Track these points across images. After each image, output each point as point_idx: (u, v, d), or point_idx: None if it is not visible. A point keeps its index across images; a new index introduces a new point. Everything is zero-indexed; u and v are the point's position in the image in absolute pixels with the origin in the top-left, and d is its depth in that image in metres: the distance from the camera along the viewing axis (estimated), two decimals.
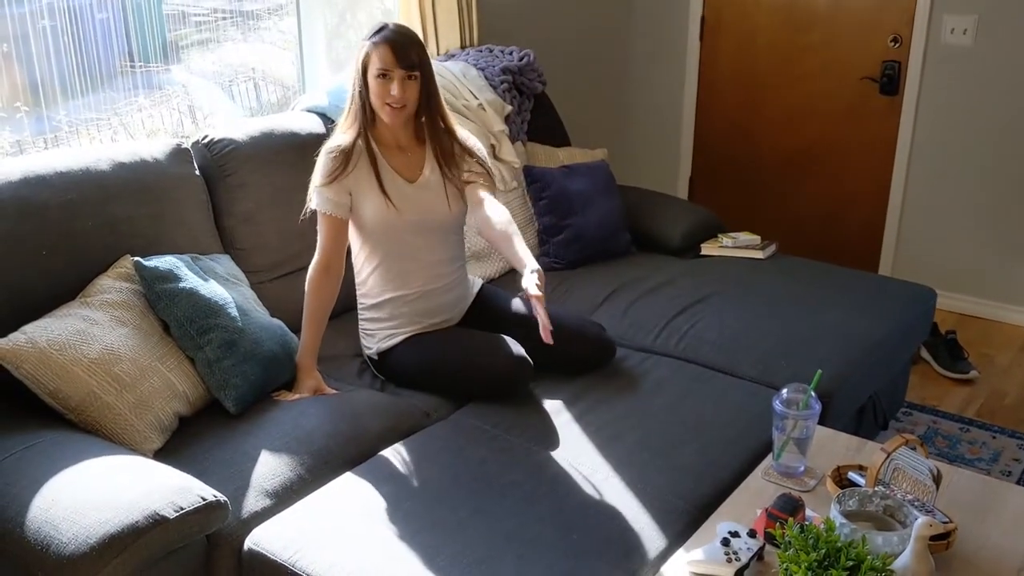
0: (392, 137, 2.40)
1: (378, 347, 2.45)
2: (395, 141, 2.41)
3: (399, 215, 2.35)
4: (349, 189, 2.34)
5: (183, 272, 2.21)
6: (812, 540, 1.53)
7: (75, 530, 1.63)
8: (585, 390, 2.38)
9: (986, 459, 3.04)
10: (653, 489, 1.97)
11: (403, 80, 2.29)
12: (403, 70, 2.28)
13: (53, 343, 1.98)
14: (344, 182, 2.33)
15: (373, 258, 2.42)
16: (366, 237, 2.40)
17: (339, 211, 2.34)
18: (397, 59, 2.27)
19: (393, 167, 2.39)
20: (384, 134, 2.39)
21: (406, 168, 2.40)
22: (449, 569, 1.72)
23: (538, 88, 3.47)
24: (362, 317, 2.51)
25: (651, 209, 3.43)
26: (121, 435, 1.99)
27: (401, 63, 2.28)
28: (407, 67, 2.29)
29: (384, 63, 2.28)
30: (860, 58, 4.07)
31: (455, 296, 2.51)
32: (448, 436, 2.18)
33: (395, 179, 2.38)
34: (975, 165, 3.93)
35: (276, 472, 1.98)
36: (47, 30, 2.54)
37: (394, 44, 2.28)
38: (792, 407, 1.92)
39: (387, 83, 2.29)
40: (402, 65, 2.28)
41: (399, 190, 2.37)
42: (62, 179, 2.23)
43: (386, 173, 2.37)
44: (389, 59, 2.27)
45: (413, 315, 2.44)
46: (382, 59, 2.28)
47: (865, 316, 2.76)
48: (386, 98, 2.30)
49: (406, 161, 2.41)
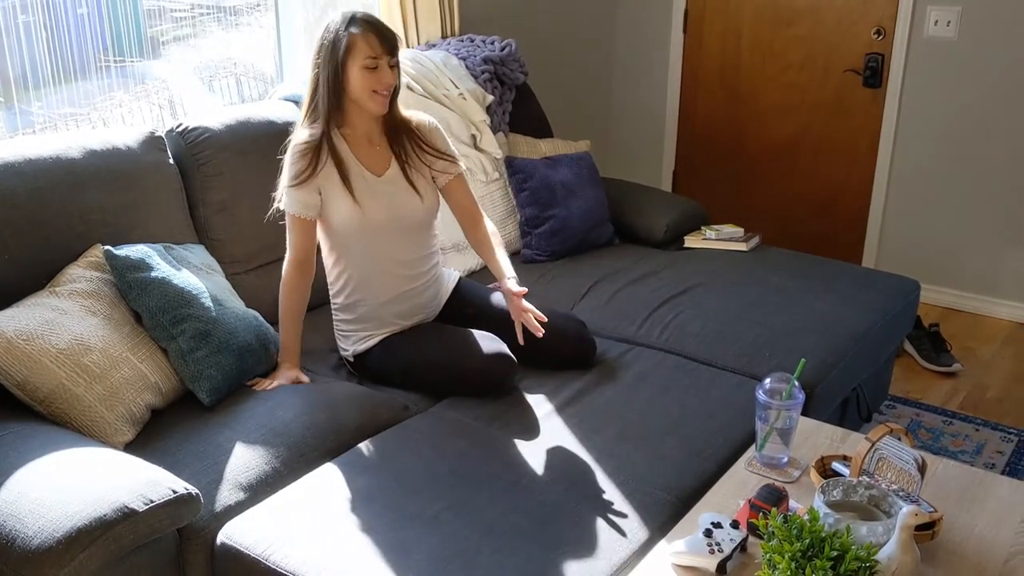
0: (364, 130, 2.33)
1: (354, 349, 2.40)
2: (366, 135, 2.33)
3: (369, 213, 2.28)
4: (319, 188, 2.27)
5: (155, 261, 2.17)
6: (796, 530, 1.50)
7: (41, 523, 1.59)
8: (567, 382, 2.35)
9: (969, 452, 3.03)
10: (635, 480, 1.95)
11: (391, 67, 2.25)
12: (390, 56, 2.24)
13: (21, 333, 1.93)
14: (313, 182, 2.25)
15: (344, 260, 2.35)
16: (336, 238, 2.33)
17: (309, 212, 2.28)
18: (385, 47, 2.23)
19: (362, 162, 2.31)
20: (356, 128, 2.32)
21: (374, 162, 2.33)
22: (427, 563, 1.68)
23: (520, 79, 3.44)
24: (336, 318, 2.45)
25: (634, 201, 3.41)
26: (91, 427, 1.95)
27: (388, 49, 2.23)
28: (393, 53, 2.25)
29: (373, 52, 2.21)
30: (844, 50, 4.06)
31: (430, 295, 2.46)
32: (427, 429, 2.15)
33: (363, 174, 2.31)
34: (958, 158, 3.92)
35: (250, 465, 1.94)
36: (22, 25, 2.49)
37: (380, 32, 2.23)
38: (775, 397, 1.90)
39: (376, 72, 2.22)
40: (389, 51, 2.24)
41: (368, 186, 2.30)
42: (31, 166, 2.18)
43: (354, 169, 2.29)
44: (378, 47, 2.22)
45: (388, 317, 2.39)
46: (371, 48, 2.21)
47: (849, 308, 2.75)
48: (377, 87, 2.23)
49: (374, 155, 2.34)
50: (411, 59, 3.20)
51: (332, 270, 2.39)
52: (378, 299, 2.36)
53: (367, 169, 2.31)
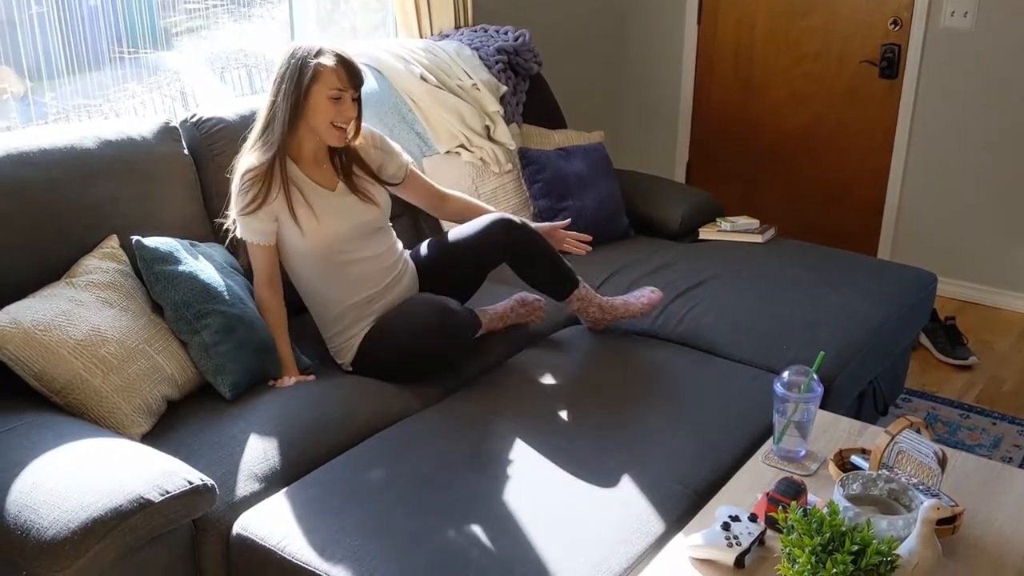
0: (311, 152, 2.32)
1: (349, 357, 2.37)
2: (314, 156, 2.32)
3: (331, 226, 2.29)
4: (275, 215, 2.25)
5: (182, 255, 2.17)
6: (816, 524, 1.49)
7: (56, 514, 1.59)
8: (582, 374, 2.35)
9: (986, 445, 3.01)
10: (651, 473, 1.93)
11: (354, 101, 2.26)
12: (354, 90, 2.25)
13: (38, 324, 1.93)
14: (266, 208, 2.23)
15: (322, 275, 2.33)
16: (307, 257, 2.31)
17: (266, 239, 2.27)
18: (352, 80, 2.23)
19: (313, 180, 2.31)
20: (304, 150, 2.30)
21: (325, 179, 2.33)
22: (440, 554, 1.68)
23: (534, 69, 3.42)
24: (327, 335, 2.40)
25: (648, 193, 3.39)
26: (107, 418, 1.95)
27: (354, 83, 2.24)
28: (357, 87, 2.26)
29: (340, 84, 2.21)
30: (859, 41, 4.03)
31: (409, 278, 2.48)
32: (440, 420, 2.14)
33: (319, 191, 2.30)
34: (974, 149, 3.89)
35: (265, 456, 1.94)
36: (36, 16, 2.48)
37: (348, 65, 2.23)
38: (793, 390, 1.88)
39: (339, 104, 2.22)
40: (354, 85, 2.25)
41: (326, 202, 2.30)
42: (46, 157, 2.18)
43: (309, 188, 2.29)
44: (344, 80, 2.21)
45: (376, 311, 2.37)
46: (338, 79, 2.21)
47: (866, 300, 2.73)
48: (337, 119, 2.23)
49: (322, 172, 2.33)
50: (424, 49, 3.18)
51: (311, 290, 2.36)
52: (368, 297, 2.35)
53: (320, 186, 2.31)
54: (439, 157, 3.04)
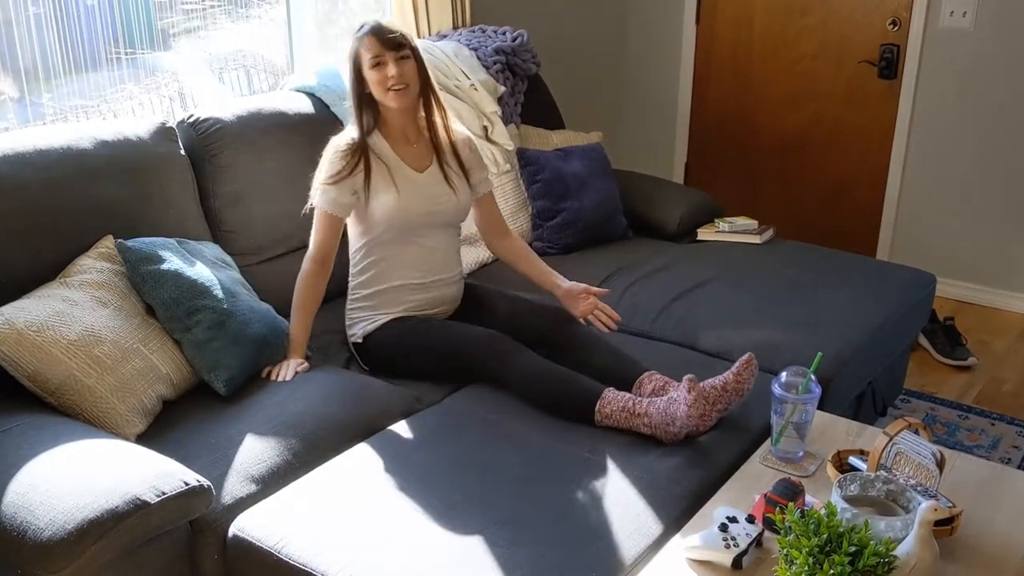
0: (400, 129, 2.39)
1: (364, 330, 2.40)
2: (403, 134, 2.40)
3: (411, 206, 2.35)
4: (355, 188, 2.32)
5: (168, 253, 2.16)
6: (813, 525, 1.49)
7: (52, 515, 1.58)
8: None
9: (985, 446, 3.00)
10: (649, 474, 1.93)
11: (397, 61, 2.30)
12: (393, 52, 2.30)
13: (31, 324, 1.92)
14: (350, 182, 2.31)
15: (381, 248, 2.40)
16: (374, 230, 2.37)
17: (341, 211, 2.34)
18: (383, 43, 2.30)
19: (403, 159, 2.39)
20: (393, 128, 2.39)
21: (415, 160, 2.41)
22: (440, 555, 1.67)
23: (532, 69, 3.42)
24: (355, 304, 2.45)
25: (647, 193, 3.39)
26: (102, 419, 1.94)
27: (388, 45, 2.30)
28: (395, 48, 2.30)
29: (373, 51, 2.29)
30: (858, 41, 4.02)
31: (456, 290, 2.51)
32: (440, 421, 2.14)
33: (405, 170, 2.38)
34: (974, 150, 3.89)
35: (262, 457, 1.94)
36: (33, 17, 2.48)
37: (377, 31, 2.31)
38: (791, 391, 1.88)
39: (383, 69, 2.30)
40: (390, 47, 2.30)
41: (410, 182, 2.37)
42: (43, 157, 2.17)
43: (396, 165, 2.37)
44: (376, 46, 2.29)
45: (414, 301, 2.42)
46: (371, 48, 2.30)
47: (864, 301, 2.72)
48: (386, 82, 2.30)
49: (414, 153, 2.41)
50: (422, 49, 3.17)
51: (365, 259, 2.42)
52: (403, 284, 2.40)
53: (408, 165, 2.38)
54: None
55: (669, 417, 2.01)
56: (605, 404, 2.08)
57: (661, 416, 2.02)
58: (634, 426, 2.05)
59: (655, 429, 2.03)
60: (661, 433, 2.02)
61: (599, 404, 2.08)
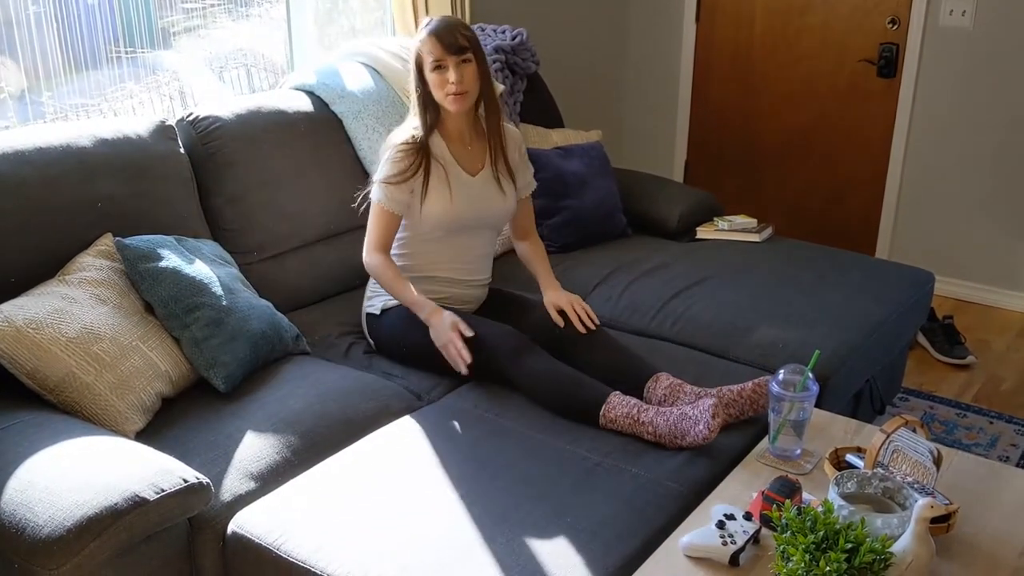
0: (458, 131, 2.40)
1: (384, 303, 2.41)
2: (460, 135, 2.41)
3: (462, 211, 2.37)
4: (413, 188, 2.33)
5: (166, 251, 2.17)
6: (810, 522, 1.49)
7: (51, 512, 1.59)
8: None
9: (983, 444, 3.01)
10: (647, 471, 1.93)
11: (458, 66, 2.28)
12: (455, 56, 2.27)
13: (30, 322, 1.93)
14: (410, 181, 2.32)
15: (423, 244, 2.41)
16: (420, 227, 2.39)
17: (398, 208, 2.34)
18: (445, 47, 2.27)
19: (458, 161, 2.39)
20: (451, 129, 2.39)
21: (469, 162, 2.41)
22: (439, 552, 1.68)
23: (531, 68, 3.42)
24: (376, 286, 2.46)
25: (647, 191, 3.39)
26: (102, 416, 1.94)
27: (450, 50, 2.27)
28: (457, 52, 2.28)
29: (435, 54, 2.27)
30: (858, 40, 4.02)
31: (481, 292, 2.53)
32: (439, 418, 2.14)
33: (460, 174, 2.38)
34: (973, 149, 3.89)
35: (261, 454, 1.94)
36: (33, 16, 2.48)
37: (439, 33, 2.28)
38: (789, 388, 1.88)
39: (444, 72, 2.28)
40: (452, 51, 2.27)
41: (464, 185, 2.38)
42: (42, 155, 2.17)
43: (452, 169, 2.37)
44: (438, 49, 2.27)
45: (442, 294, 2.43)
46: (432, 51, 2.28)
47: (863, 299, 2.73)
48: (446, 87, 2.29)
49: (469, 155, 2.42)
50: None
51: (400, 241, 2.43)
52: (435, 277, 2.42)
53: (463, 169, 2.39)
54: None
55: (680, 432, 1.99)
56: (610, 409, 2.08)
57: (670, 429, 2.00)
58: (638, 433, 2.04)
59: (660, 439, 2.01)
60: (667, 442, 2.01)
61: (604, 408, 2.08)
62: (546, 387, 2.17)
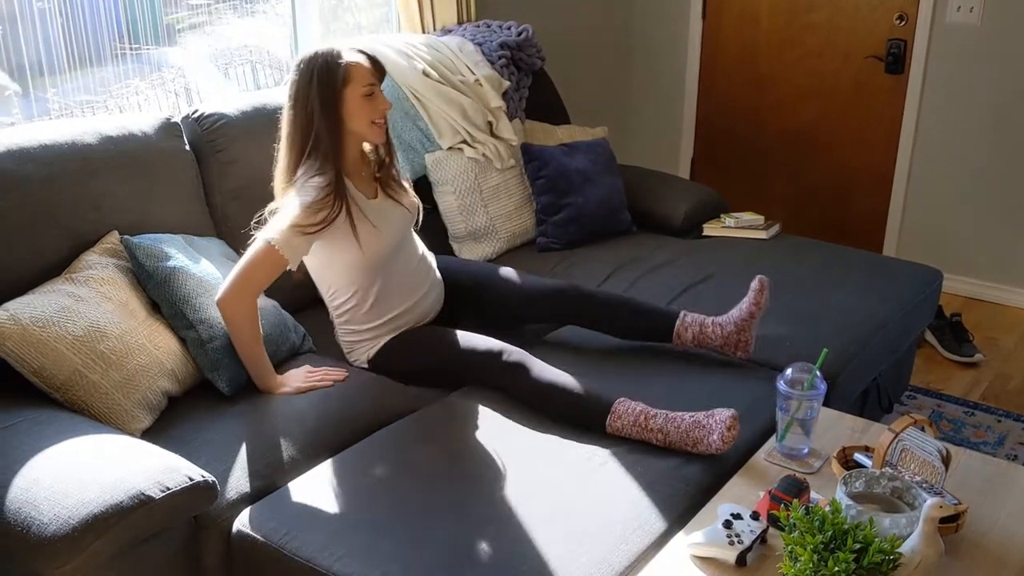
0: (355, 162, 2.25)
1: (367, 355, 2.34)
2: (356, 166, 2.25)
3: (389, 235, 2.25)
4: (322, 236, 2.14)
5: (173, 250, 2.16)
6: (818, 522, 1.48)
7: (56, 510, 1.59)
8: (582, 370, 2.33)
9: (991, 443, 2.99)
10: (652, 471, 1.92)
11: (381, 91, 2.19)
12: (380, 82, 2.18)
13: (36, 320, 1.92)
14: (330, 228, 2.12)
15: (370, 287, 2.27)
16: (359, 271, 2.24)
17: (295, 260, 2.13)
18: (377, 70, 2.16)
19: (361, 191, 2.24)
20: (350, 161, 2.22)
21: (367, 188, 2.27)
22: (441, 551, 1.67)
23: (537, 64, 3.41)
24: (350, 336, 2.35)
25: (652, 188, 3.38)
26: (108, 414, 1.94)
27: (380, 74, 2.17)
28: (383, 79, 2.19)
29: (368, 79, 2.13)
30: (865, 36, 4.00)
31: (439, 291, 2.45)
32: (442, 418, 2.13)
33: (368, 202, 2.23)
34: (981, 145, 3.87)
35: (266, 453, 1.94)
36: (38, 12, 2.48)
37: (371, 57, 2.15)
38: (796, 387, 1.87)
39: (373, 99, 2.15)
40: (380, 78, 2.18)
41: (377, 211, 2.24)
42: (46, 152, 2.17)
43: (361, 200, 2.22)
44: (373, 74, 2.14)
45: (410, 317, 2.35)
46: (364, 76, 2.13)
47: (870, 297, 2.71)
48: (376, 116, 2.16)
49: (364, 181, 2.28)
50: (427, 44, 3.17)
51: (348, 292, 2.28)
52: (401, 306, 2.32)
53: (366, 196, 2.26)
54: (442, 153, 3.03)
55: (691, 440, 1.95)
56: (616, 418, 2.02)
57: (681, 437, 1.96)
58: (647, 440, 1.99)
59: (671, 446, 1.97)
60: (677, 448, 1.97)
61: (610, 418, 2.03)
62: (549, 399, 2.11)
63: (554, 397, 2.10)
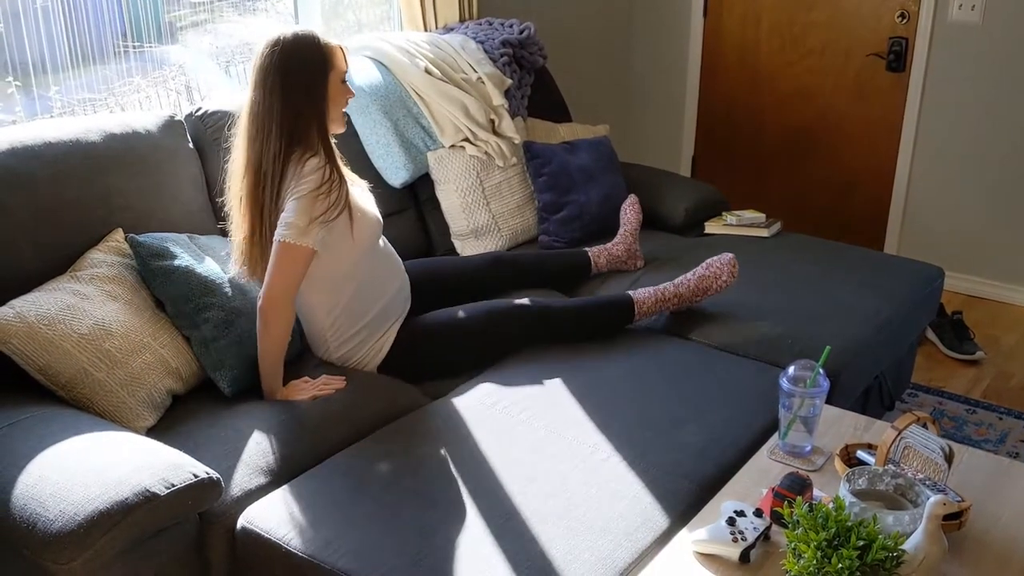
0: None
1: (373, 364, 2.31)
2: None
3: (374, 214, 2.25)
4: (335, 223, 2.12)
5: (178, 249, 2.17)
6: (821, 519, 1.49)
7: (62, 507, 1.59)
8: (586, 367, 2.34)
9: (993, 440, 3.00)
10: (656, 468, 1.93)
11: None
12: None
13: (42, 318, 1.93)
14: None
15: (355, 276, 2.23)
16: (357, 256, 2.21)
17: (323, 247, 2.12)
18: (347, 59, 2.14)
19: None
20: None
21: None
22: (448, 547, 1.68)
23: (539, 62, 3.41)
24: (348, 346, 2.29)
25: (654, 186, 3.38)
26: (113, 412, 1.95)
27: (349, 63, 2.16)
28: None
29: (344, 67, 2.10)
30: (867, 34, 4.00)
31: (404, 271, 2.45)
32: (447, 415, 2.14)
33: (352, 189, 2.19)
34: (983, 143, 3.87)
35: (271, 450, 1.94)
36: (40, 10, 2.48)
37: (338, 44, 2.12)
38: (799, 384, 1.87)
39: (346, 87, 2.13)
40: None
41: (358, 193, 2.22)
42: (51, 150, 2.17)
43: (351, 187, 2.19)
44: (345, 62, 2.11)
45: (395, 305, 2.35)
46: (342, 63, 2.09)
47: (872, 295, 2.72)
48: (345, 104, 2.14)
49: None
50: (429, 42, 3.17)
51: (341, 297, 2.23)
52: (389, 291, 2.33)
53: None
54: (444, 151, 3.03)
55: (703, 288, 2.49)
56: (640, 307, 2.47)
57: (693, 292, 2.49)
58: (665, 309, 2.49)
59: (683, 303, 2.49)
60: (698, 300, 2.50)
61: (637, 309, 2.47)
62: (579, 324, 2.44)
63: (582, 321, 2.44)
